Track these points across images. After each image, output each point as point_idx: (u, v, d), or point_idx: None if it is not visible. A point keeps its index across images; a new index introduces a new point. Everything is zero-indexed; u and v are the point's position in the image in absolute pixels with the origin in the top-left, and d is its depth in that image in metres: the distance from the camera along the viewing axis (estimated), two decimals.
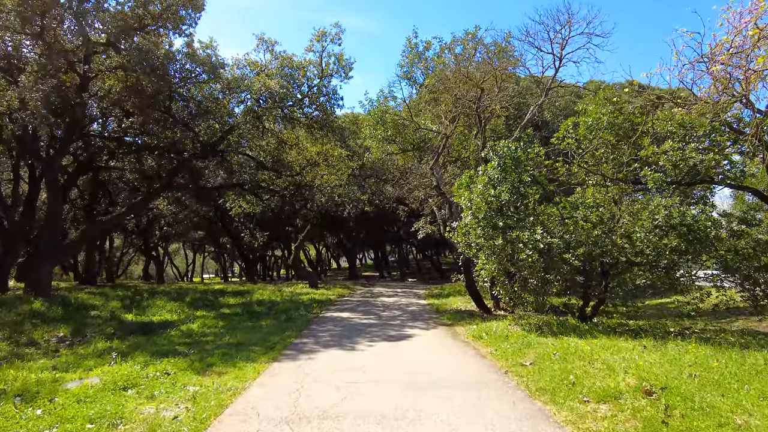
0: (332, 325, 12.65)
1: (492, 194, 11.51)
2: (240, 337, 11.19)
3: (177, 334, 12.02)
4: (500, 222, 11.29)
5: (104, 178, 21.12)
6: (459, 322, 13.19)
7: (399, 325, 12.51)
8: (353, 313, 15.10)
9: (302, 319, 14.02)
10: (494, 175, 11.86)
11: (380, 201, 28.28)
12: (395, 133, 20.84)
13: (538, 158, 12.54)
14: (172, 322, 14.03)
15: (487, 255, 11.34)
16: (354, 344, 10.01)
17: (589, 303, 12.44)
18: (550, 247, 10.75)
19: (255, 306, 17.14)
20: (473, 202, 11.66)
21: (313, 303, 17.60)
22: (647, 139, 10.81)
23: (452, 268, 47.83)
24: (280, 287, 24.59)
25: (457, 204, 18.83)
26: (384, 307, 16.63)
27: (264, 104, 17.45)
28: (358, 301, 19.13)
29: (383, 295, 22.00)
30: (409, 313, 15.26)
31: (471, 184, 12.43)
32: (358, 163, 23.17)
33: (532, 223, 11.24)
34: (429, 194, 21.22)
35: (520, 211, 11.80)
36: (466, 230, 11.54)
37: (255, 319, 14.57)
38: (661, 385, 5.97)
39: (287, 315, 14.96)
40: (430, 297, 20.42)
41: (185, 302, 18.79)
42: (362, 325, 12.69)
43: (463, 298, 18.84)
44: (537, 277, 10.96)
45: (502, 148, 11.91)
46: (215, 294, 21.35)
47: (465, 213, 11.95)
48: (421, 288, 27.07)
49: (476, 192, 11.78)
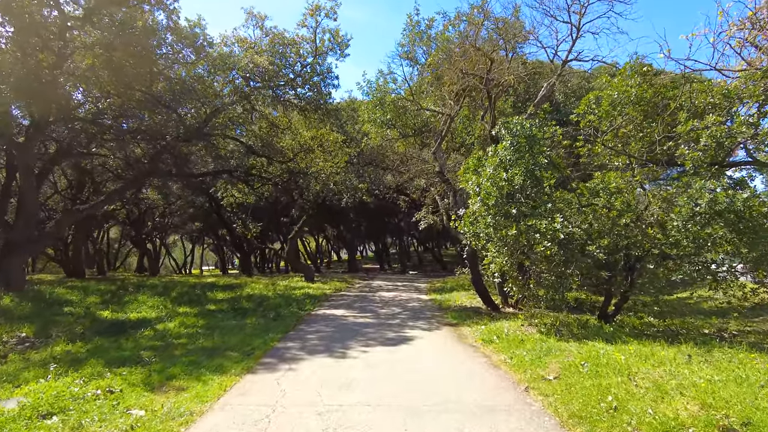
0: (323, 325, 11.22)
1: (503, 178, 10.02)
2: (217, 339, 9.78)
3: (149, 335, 10.63)
4: (513, 209, 9.81)
5: (87, 166, 19.67)
6: (465, 321, 11.75)
7: (398, 325, 11.08)
8: (348, 311, 13.68)
9: (292, 318, 12.61)
10: (506, 156, 10.37)
11: (380, 191, 26.78)
12: (395, 116, 19.31)
13: (554, 138, 11.03)
14: (150, 320, 12.63)
15: (498, 247, 9.88)
16: (345, 350, 8.57)
17: (611, 300, 10.98)
18: (570, 237, 9.28)
19: (243, 302, 15.73)
20: (482, 188, 10.17)
21: (306, 298, 16.18)
22: (683, 114, 9.27)
23: (454, 261, 46.39)
24: (275, 281, 23.18)
25: (462, 191, 17.33)
26: (382, 304, 15.20)
27: (253, 83, 15.94)
28: (355, 296, 17.71)
29: (382, 289, 20.58)
30: (410, 310, 13.83)
31: (479, 167, 10.94)
32: (355, 150, 21.64)
33: (549, 210, 9.75)
34: (431, 181, 19.71)
35: (535, 197, 10.32)
36: (474, 219, 10.07)
37: (241, 316, 13.17)
38: (738, 417, 4.52)
39: (276, 312, 13.54)
40: (432, 292, 18.99)
41: (170, 297, 17.40)
42: (357, 325, 11.25)
43: (468, 293, 17.40)
44: (555, 271, 9.48)
45: (515, 125, 10.39)
46: (205, 288, 19.95)
47: (472, 200, 10.46)
48: (423, 281, 25.64)
49: (485, 176, 10.30)
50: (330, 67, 16.77)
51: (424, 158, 18.38)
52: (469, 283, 20.99)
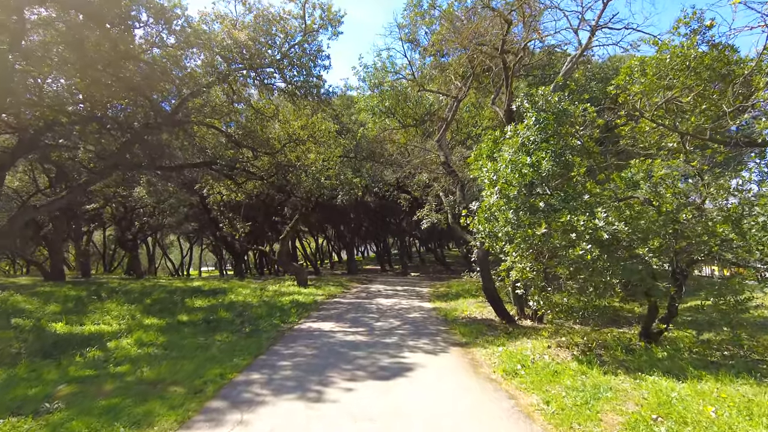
0: (304, 345, 9.00)
1: (527, 163, 7.80)
2: (167, 366, 7.59)
3: (92, 357, 8.50)
4: (540, 202, 7.59)
5: (57, 159, 17.54)
6: (477, 339, 9.54)
7: (395, 346, 8.84)
8: (338, 324, 11.46)
9: (270, 333, 10.43)
10: (530, 136, 8.15)
11: (379, 188, 24.54)
12: (395, 104, 17.10)
13: (586, 117, 8.80)
14: (104, 335, 10.48)
15: (521, 250, 7.64)
16: (324, 386, 6.37)
17: (657, 315, 8.75)
18: (615, 237, 7.06)
19: (221, 311, 13.55)
20: (500, 176, 7.96)
21: (293, 307, 13.98)
22: (761, 79, 7.03)
23: (457, 261, 44.08)
24: (265, 285, 20.98)
25: (470, 185, 15.09)
26: (379, 314, 12.97)
27: (234, 65, 13.76)
28: (349, 303, 15.49)
29: (381, 294, 18.34)
30: (411, 323, 11.60)
31: (495, 151, 8.71)
32: (352, 143, 19.43)
33: (586, 203, 7.54)
34: (435, 176, 17.50)
35: (565, 187, 8.12)
36: (491, 215, 7.83)
37: (212, 331, 10.99)
38: None
39: (254, 326, 11.37)
40: (435, 298, 16.74)
41: (143, 305, 15.27)
42: (345, 345, 9.03)
43: (476, 301, 15.17)
44: (594, 281, 7.25)
45: (541, 97, 8.17)
46: (185, 294, 17.78)
47: (487, 191, 8.25)
48: (425, 285, 23.38)
49: (503, 161, 8.08)
50: (320, 46, 14.56)
51: (426, 149, 16.14)
52: (477, 288, 18.75)
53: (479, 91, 17.05)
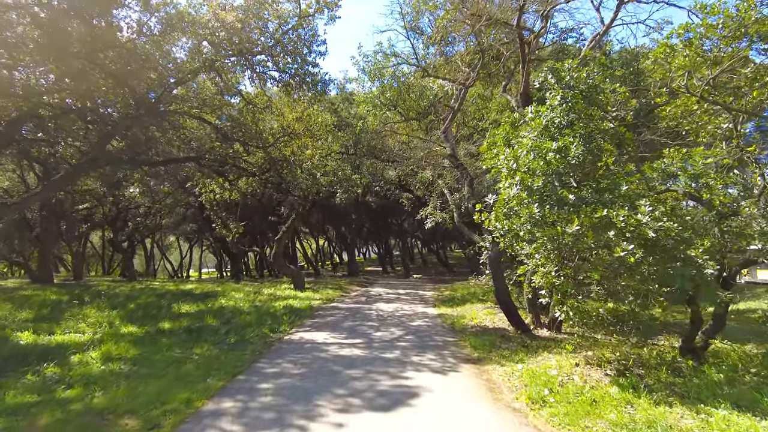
0: (292, 362, 7.70)
1: (553, 149, 6.50)
2: (126, 388, 6.34)
3: (46, 375, 7.21)
4: (570, 194, 6.31)
5: (37, 154, 16.29)
6: (490, 353, 8.24)
7: (397, 363, 7.54)
8: (334, 334, 10.16)
9: (255, 345, 9.15)
10: (555, 118, 6.86)
11: (380, 187, 23.24)
12: (396, 95, 15.82)
13: (618, 96, 7.51)
14: (72, 345, 9.23)
15: (547, 250, 6.34)
16: (310, 420, 5.11)
17: (701, 327, 7.43)
18: (664, 234, 5.78)
19: (208, 318, 12.28)
20: (520, 164, 6.65)
21: (286, 314, 12.70)
22: None
23: (460, 263, 42.72)
24: (260, 288, 19.69)
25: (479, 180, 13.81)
26: (379, 322, 11.67)
27: (221, 50, 12.49)
28: (347, 309, 14.18)
29: (382, 299, 17.03)
30: (414, 332, 10.29)
31: (513, 137, 7.41)
32: (351, 138, 18.14)
33: (625, 196, 6.26)
34: (439, 172, 16.19)
35: (597, 177, 6.85)
36: (510, 210, 6.52)
37: (192, 342, 9.72)
38: None
39: (240, 336, 10.09)
40: (440, 303, 15.42)
41: (125, 310, 14.03)
42: (339, 361, 7.73)
43: (485, 306, 13.86)
44: (637, 287, 5.95)
45: (567, 72, 6.88)
46: (174, 298, 16.53)
47: (504, 183, 6.94)
48: (428, 288, 22.06)
49: (524, 147, 6.78)
50: (316, 31, 13.27)
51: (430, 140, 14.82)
52: (484, 292, 17.43)
53: (487, 82, 15.77)
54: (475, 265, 28.45)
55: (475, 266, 28.31)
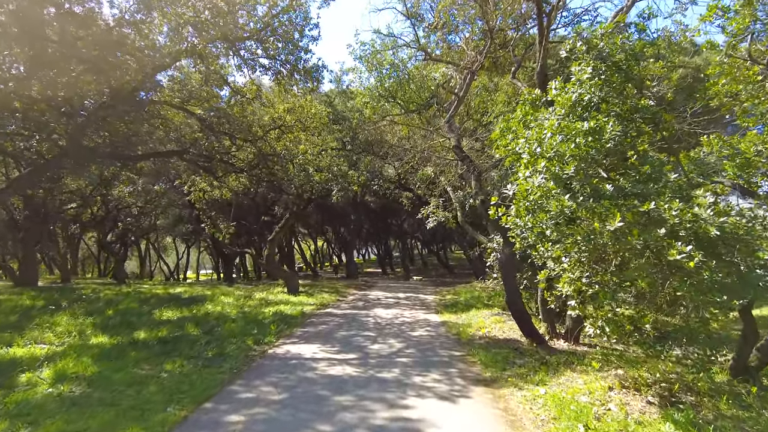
0: (272, 384, 6.48)
1: (584, 130, 5.30)
2: (59, 425, 5.11)
3: None
4: (608, 184, 5.13)
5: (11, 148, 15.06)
6: (505, 372, 7.03)
7: (396, 386, 6.32)
8: (325, 346, 8.94)
9: (234, 361, 7.94)
10: (585, 95, 5.66)
11: (379, 186, 22.03)
12: (396, 87, 14.63)
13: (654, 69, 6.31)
14: (26, 361, 8.00)
15: (579, 253, 5.14)
16: None
17: (755, 343, 6.24)
18: (729, 232, 4.59)
19: (189, 327, 11.08)
20: (546, 148, 5.45)
21: (275, 321, 11.51)
22: None
23: (460, 265, 41.42)
24: (252, 292, 18.48)
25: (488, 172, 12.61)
26: (377, 331, 10.44)
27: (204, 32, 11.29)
28: (342, 316, 12.95)
29: (380, 303, 15.80)
30: (416, 345, 9.06)
31: (532, 121, 6.21)
32: (348, 134, 16.93)
33: (675, 186, 5.08)
34: (441, 168, 14.99)
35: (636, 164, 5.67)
36: (534, 204, 5.31)
37: (165, 355, 8.53)
38: None
39: (220, 349, 8.88)
40: (443, 309, 14.20)
41: (102, 317, 12.80)
42: (328, 383, 6.50)
43: (491, 313, 12.64)
44: (698, 299, 4.74)
45: (600, 38, 5.68)
46: (159, 303, 15.31)
47: (523, 171, 5.70)
48: (429, 291, 20.83)
49: (549, 128, 5.58)
50: (308, 14, 12.07)
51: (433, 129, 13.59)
52: (489, 296, 16.20)
53: (493, 71, 14.59)
54: (477, 268, 27.20)
55: (477, 268, 27.04)
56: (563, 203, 4.85)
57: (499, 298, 15.38)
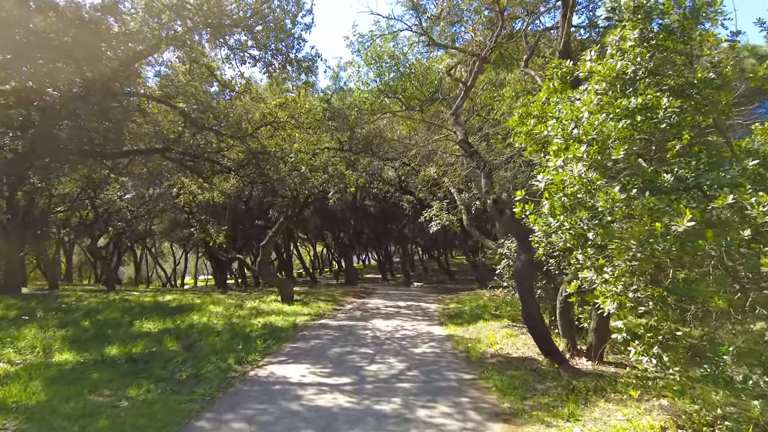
0: (245, 421, 5.33)
1: (631, 108, 4.17)
2: None
3: None
4: (667, 174, 3.96)
5: None
6: (525, 401, 5.87)
7: (396, 422, 5.17)
8: (315, 366, 7.76)
9: (209, 386, 6.77)
10: (629, 66, 4.55)
11: (379, 189, 20.91)
12: (397, 82, 13.53)
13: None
14: None
15: (635, 259, 3.98)
16: None
17: None
18: None
19: (168, 341, 9.92)
20: (586, 128, 4.31)
21: (263, 335, 10.35)
22: None
23: (462, 270, 40.11)
24: (244, 300, 17.29)
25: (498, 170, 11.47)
26: (375, 348, 9.25)
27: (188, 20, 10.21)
28: (337, 328, 11.75)
29: (380, 313, 14.60)
30: (419, 365, 7.87)
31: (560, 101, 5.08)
32: (345, 133, 15.81)
33: (753, 175, 3.92)
34: (444, 169, 13.84)
35: (696, 150, 4.53)
36: (573, 198, 4.14)
37: (132, 377, 7.37)
38: None
39: (196, 369, 7.73)
40: (447, 320, 13.00)
41: (76, 329, 11.67)
42: (314, 420, 5.34)
43: (501, 325, 11.46)
44: None
45: None
46: (143, 312, 14.17)
47: (555, 159, 4.53)
48: (432, 299, 19.63)
49: (586, 104, 4.46)
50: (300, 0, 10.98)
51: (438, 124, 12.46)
52: (497, 306, 15.02)
53: (500, 65, 13.50)
54: (480, 274, 25.99)
55: (480, 275, 25.84)
56: (614, 197, 3.69)
57: (508, 308, 14.19)
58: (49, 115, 10.37)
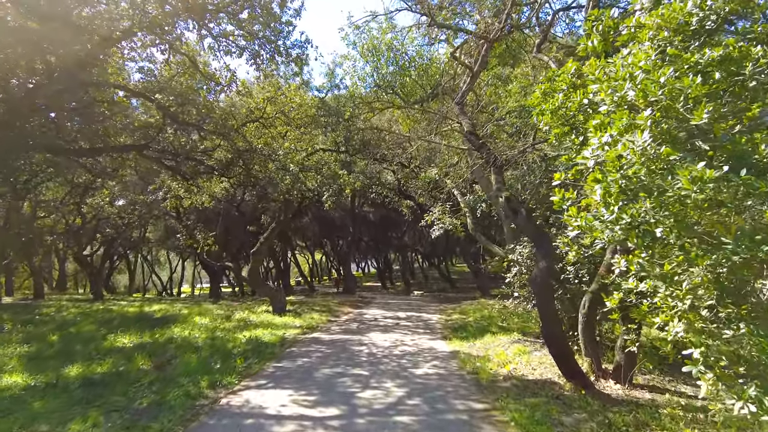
0: None
1: (705, 61, 2.99)
2: None
3: None
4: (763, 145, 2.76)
5: None
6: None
7: None
8: (298, 393, 6.55)
9: (167, 420, 5.59)
10: (695, 12, 3.38)
11: (377, 193, 19.76)
12: (395, 75, 12.46)
13: None
14: None
15: (712, 267, 2.80)
16: None
17: None
18: None
19: (139, 359, 8.73)
20: (648, 88, 3.14)
21: (246, 352, 9.17)
22: None
23: (463, 278, 38.79)
24: (234, 310, 16.07)
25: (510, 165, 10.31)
26: (370, 368, 8.04)
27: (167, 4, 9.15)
28: (330, 343, 10.52)
29: (378, 326, 13.37)
30: (421, 391, 6.66)
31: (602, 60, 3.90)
32: (341, 133, 14.70)
33: None
34: (446, 171, 12.70)
35: None
36: (634, 182, 2.98)
37: (83, 406, 6.22)
38: None
39: (160, 395, 6.55)
40: (451, 333, 11.78)
41: (43, 344, 10.50)
42: None
43: (510, 339, 10.25)
44: None
45: None
46: (121, 325, 13.01)
47: (598, 133, 3.36)
48: (433, 308, 18.38)
49: (641, 59, 3.29)
50: None
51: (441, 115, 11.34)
52: (502, 315, 13.84)
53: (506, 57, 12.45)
54: (482, 282, 24.74)
55: (482, 283, 24.59)
56: (704, 176, 2.54)
57: (516, 319, 13.00)
58: (11, 107, 9.25)
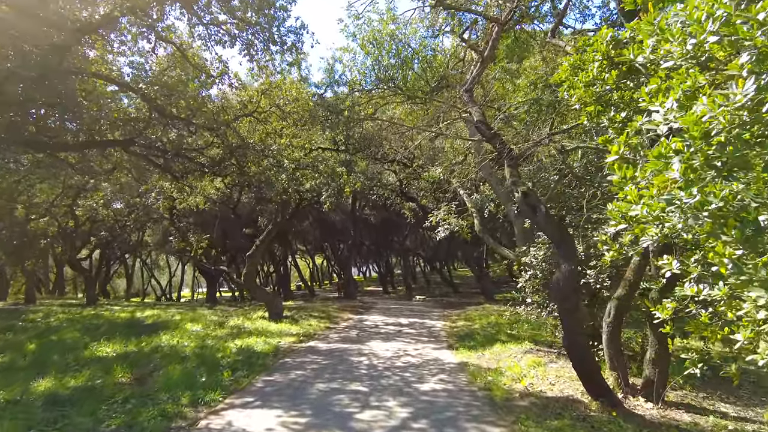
0: None
1: None
2: None
3: None
4: None
5: None
6: None
7: None
8: (288, 414, 5.75)
9: None
10: None
11: (378, 195, 19.01)
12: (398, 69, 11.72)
13: None
14: None
15: None
16: None
17: None
18: None
19: (118, 370, 7.95)
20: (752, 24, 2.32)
21: (236, 363, 8.37)
22: None
23: (465, 283, 37.88)
24: (229, 316, 15.28)
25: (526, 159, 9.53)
26: (370, 383, 7.22)
27: None
28: (327, 353, 9.70)
29: (378, 333, 12.56)
30: (426, 412, 5.84)
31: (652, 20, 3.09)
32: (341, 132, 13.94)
33: None
34: (452, 169, 11.94)
35: None
36: (731, 151, 2.18)
37: (45, 426, 5.36)
38: None
39: (132, 416, 5.75)
40: (457, 341, 10.95)
41: (17, 353, 9.74)
42: None
43: (522, 348, 9.43)
44: None
45: None
46: (108, 331, 12.25)
47: (659, 101, 2.57)
48: (436, 314, 17.54)
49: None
50: None
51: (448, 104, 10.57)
52: (511, 324, 13.02)
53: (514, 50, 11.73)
54: (486, 286, 23.94)
55: (485, 287, 23.79)
56: None
57: (525, 326, 12.18)
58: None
